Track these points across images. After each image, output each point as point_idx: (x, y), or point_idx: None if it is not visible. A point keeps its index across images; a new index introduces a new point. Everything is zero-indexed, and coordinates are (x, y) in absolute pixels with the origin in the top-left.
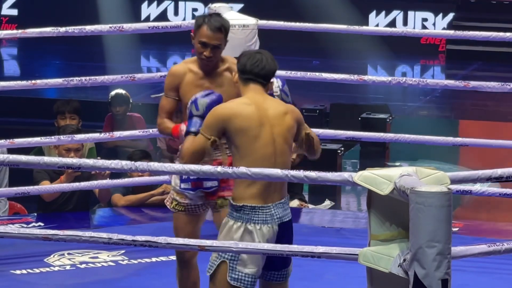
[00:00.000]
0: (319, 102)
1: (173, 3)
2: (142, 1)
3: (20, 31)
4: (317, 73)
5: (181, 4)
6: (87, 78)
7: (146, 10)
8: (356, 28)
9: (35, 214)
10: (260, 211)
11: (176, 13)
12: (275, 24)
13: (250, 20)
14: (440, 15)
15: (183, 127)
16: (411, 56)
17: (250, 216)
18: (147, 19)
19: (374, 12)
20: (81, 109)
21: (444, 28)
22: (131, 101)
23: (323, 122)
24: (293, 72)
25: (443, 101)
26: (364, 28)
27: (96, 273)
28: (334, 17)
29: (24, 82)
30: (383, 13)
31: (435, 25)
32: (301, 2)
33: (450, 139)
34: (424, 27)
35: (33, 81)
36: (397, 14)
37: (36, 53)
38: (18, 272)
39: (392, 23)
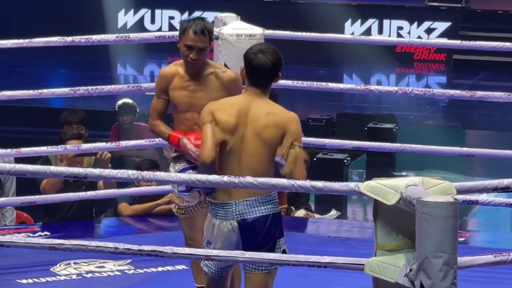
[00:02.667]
0: (325, 112)
1: (150, 11)
2: (118, 9)
3: (26, 40)
4: (323, 83)
5: (157, 12)
6: (94, 87)
7: (123, 18)
8: (362, 38)
9: (41, 223)
10: (221, 207)
11: (153, 21)
12: (281, 34)
13: (257, 30)
14: (415, 24)
15: (185, 141)
16: (386, 64)
17: (215, 212)
18: (124, 27)
19: (349, 21)
20: (87, 118)
21: (419, 37)
22: (137, 110)
23: (329, 131)
24: (299, 82)
25: (449, 111)
26: (370, 38)
27: (102, 283)
28: (314, 26)
29: (30, 92)
30: (359, 21)
31: (410, 33)
32: (280, 11)
33: (456, 149)
34: (399, 35)
35: (39, 91)
36: (372, 23)
37: (42, 62)
38: (24, 281)
39: (368, 32)
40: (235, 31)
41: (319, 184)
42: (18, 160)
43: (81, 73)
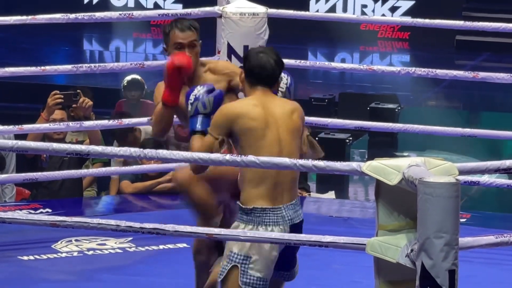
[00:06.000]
0: (327, 92)
1: None
2: None
3: (30, 17)
4: (326, 63)
5: None
6: (97, 65)
7: None
8: (366, 17)
9: (42, 201)
10: (271, 212)
11: None
12: (284, 13)
13: (260, 9)
14: (380, 2)
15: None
16: (350, 42)
17: (261, 219)
18: (90, 3)
19: None
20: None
21: (383, 15)
22: (145, 87)
23: (331, 111)
24: (302, 61)
25: (452, 92)
26: (375, 17)
27: (104, 260)
28: (278, 2)
29: (33, 68)
30: None
31: (374, 11)
32: None
33: (458, 129)
34: (363, 13)
35: (42, 67)
36: (337, 1)
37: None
38: (25, 258)
39: (332, 9)
40: (239, 9)
41: (321, 163)
42: (18, 136)
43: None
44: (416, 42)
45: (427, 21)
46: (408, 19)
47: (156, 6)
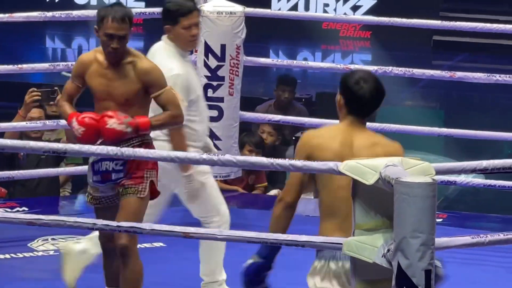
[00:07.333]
0: (305, 91)
1: None
2: None
3: (7, 15)
4: (303, 62)
5: None
6: (74, 63)
7: None
8: (343, 17)
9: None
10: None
11: None
12: (262, 12)
13: (237, 8)
14: (341, 1)
15: (73, 120)
16: (312, 41)
17: (334, 253)
18: (52, 2)
19: None
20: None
21: (345, 13)
22: None
23: (309, 111)
24: (279, 60)
25: (428, 92)
26: (350, 17)
27: None
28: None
29: (10, 66)
30: None
31: (336, 10)
32: None
33: (435, 129)
34: (325, 12)
35: (19, 66)
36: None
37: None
38: (1, 256)
39: (294, 8)
40: (216, 8)
41: (298, 163)
42: None
43: None
44: (378, 41)
45: (404, 20)
46: (386, 19)
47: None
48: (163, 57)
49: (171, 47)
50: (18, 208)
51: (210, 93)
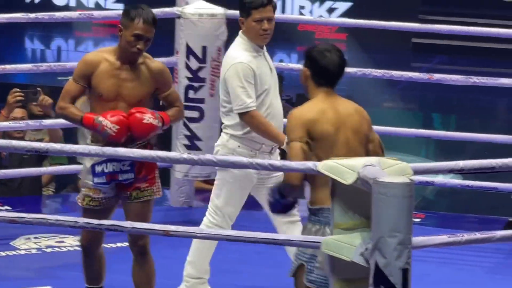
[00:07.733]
0: (285, 93)
1: None
2: None
3: None
4: (283, 63)
5: None
6: (56, 64)
7: None
8: (323, 19)
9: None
10: (327, 212)
11: None
12: None
13: (218, 10)
14: (317, 3)
15: (100, 118)
16: (287, 43)
17: (328, 219)
18: (32, 3)
19: None
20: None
21: (321, 16)
22: None
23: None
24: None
25: (407, 93)
26: (332, 19)
27: (62, 257)
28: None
29: None
30: None
31: (312, 12)
32: None
33: (413, 130)
34: (301, 14)
35: (2, 66)
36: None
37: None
38: None
39: None
40: (197, 10)
41: (277, 162)
42: None
43: None
44: (354, 43)
45: (382, 23)
46: (364, 21)
47: (97, 6)
48: (233, 48)
49: (244, 40)
50: (0, 207)
51: (191, 94)
